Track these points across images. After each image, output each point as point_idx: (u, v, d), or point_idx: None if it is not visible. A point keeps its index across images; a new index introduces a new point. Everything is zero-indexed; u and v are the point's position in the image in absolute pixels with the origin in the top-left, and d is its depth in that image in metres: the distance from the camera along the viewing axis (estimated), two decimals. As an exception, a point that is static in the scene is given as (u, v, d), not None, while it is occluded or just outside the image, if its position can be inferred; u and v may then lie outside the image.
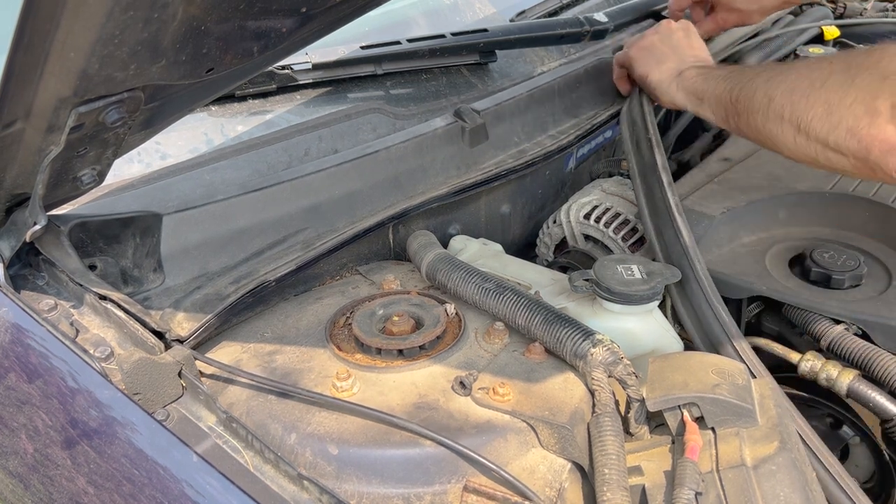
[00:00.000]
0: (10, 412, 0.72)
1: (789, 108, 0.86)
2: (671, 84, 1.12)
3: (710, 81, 1.04)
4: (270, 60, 0.91)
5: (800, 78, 0.86)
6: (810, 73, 0.85)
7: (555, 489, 0.67)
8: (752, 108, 0.93)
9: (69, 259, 0.77)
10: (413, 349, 0.77)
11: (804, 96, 0.84)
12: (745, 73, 1.00)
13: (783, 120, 0.87)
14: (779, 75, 0.91)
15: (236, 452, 0.66)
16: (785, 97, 0.87)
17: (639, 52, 1.21)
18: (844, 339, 0.88)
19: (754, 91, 0.93)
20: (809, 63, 0.89)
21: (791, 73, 0.89)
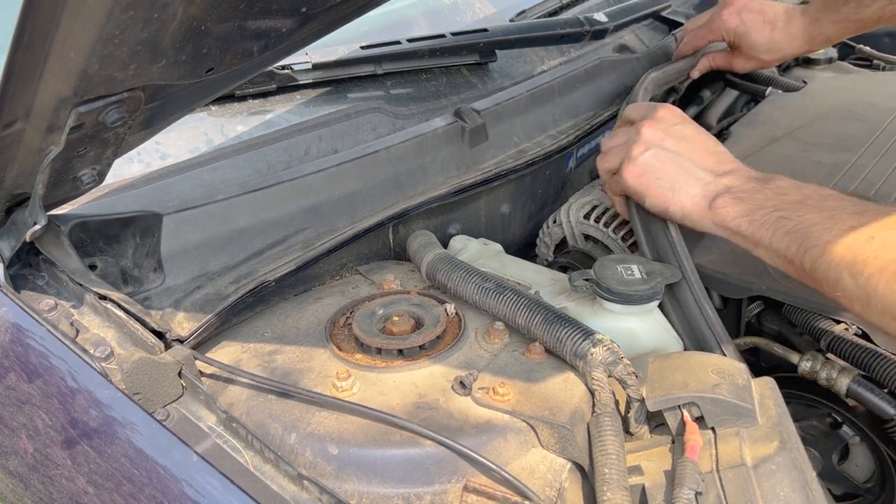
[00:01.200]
0: (10, 412, 0.72)
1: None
2: (704, 219, 0.87)
3: (759, 228, 0.81)
4: (270, 60, 0.91)
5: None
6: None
7: (555, 489, 0.67)
8: (840, 291, 0.73)
9: (69, 259, 0.77)
10: (413, 349, 0.77)
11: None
12: (804, 227, 0.76)
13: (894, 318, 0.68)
14: (863, 263, 0.70)
15: (236, 452, 0.66)
16: (891, 297, 0.68)
17: (639, 181, 0.92)
18: (844, 340, 0.88)
19: (837, 276, 0.72)
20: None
21: (884, 262, 0.68)
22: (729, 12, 1.31)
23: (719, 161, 0.90)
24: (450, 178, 1.10)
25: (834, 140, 1.23)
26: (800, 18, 1.25)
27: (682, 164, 0.90)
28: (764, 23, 1.28)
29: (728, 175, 0.87)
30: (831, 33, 1.24)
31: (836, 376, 0.86)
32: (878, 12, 1.17)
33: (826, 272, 0.74)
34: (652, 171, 0.91)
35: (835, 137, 1.24)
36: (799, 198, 0.80)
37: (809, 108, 1.35)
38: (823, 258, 0.74)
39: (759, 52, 1.30)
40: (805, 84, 1.47)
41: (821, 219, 0.76)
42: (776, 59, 1.32)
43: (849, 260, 0.71)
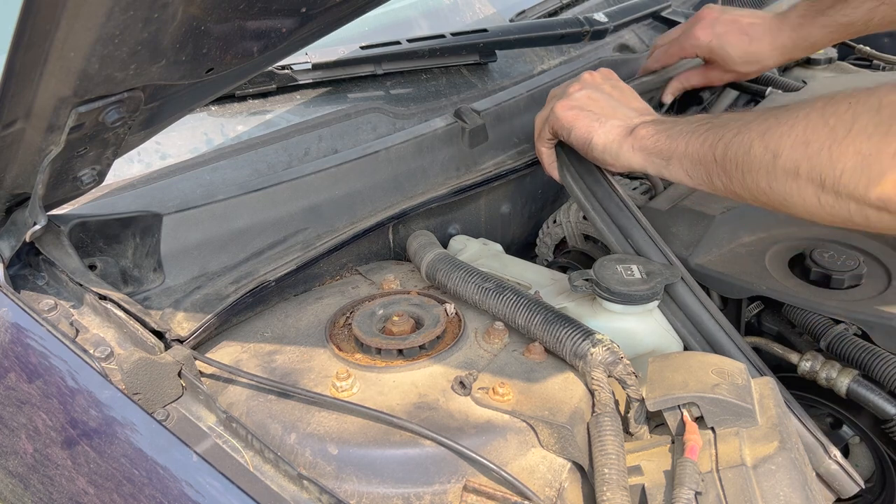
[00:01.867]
0: (10, 412, 0.72)
1: (806, 163, 0.71)
2: (622, 145, 0.91)
3: (676, 138, 0.86)
4: (270, 60, 0.91)
5: (810, 127, 0.71)
6: (823, 119, 0.71)
7: (554, 489, 0.67)
8: (749, 167, 0.77)
9: (69, 259, 0.77)
10: (413, 349, 0.77)
11: (824, 148, 0.70)
12: (726, 125, 0.82)
13: (798, 177, 0.72)
14: (778, 125, 0.75)
15: (236, 452, 0.66)
16: (797, 151, 0.72)
17: (568, 113, 0.96)
18: (844, 339, 0.88)
19: (749, 146, 0.77)
20: (814, 106, 0.73)
21: (794, 120, 0.73)
22: (701, 27, 1.23)
23: (646, 108, 1.00)
24: (449, 178, 1.10)
25: (834, 140, 1.23)
26: (780, 27, 1.18)
27: (612, 102, 0.97)
28: (740, 34, 1.21)
29: (650, 116, 0.96)
30: (817, 39, 1.17)
31: (835, 376, 0.86)
32: (868, 14, 1.10)
33: (737, 150, 0.78)
34: (583, 104, 0.97)
35: (835, 137, 1.24)
36: (713, 120, 0.85)
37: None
38: (737, 137, 0.79)
39: (736, 64, 1.23)
40: (805, 84, 1.47)
41: (739, 115, 0.82)
42: (755, 70, 1.24)
43: (762, 129, 0.76)
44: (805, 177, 0.72)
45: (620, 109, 0.96)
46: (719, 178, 0.82)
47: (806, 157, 0.71)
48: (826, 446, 0.81)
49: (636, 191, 1.18)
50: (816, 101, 0.73)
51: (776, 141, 0.74)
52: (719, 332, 0.87)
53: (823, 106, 0.72)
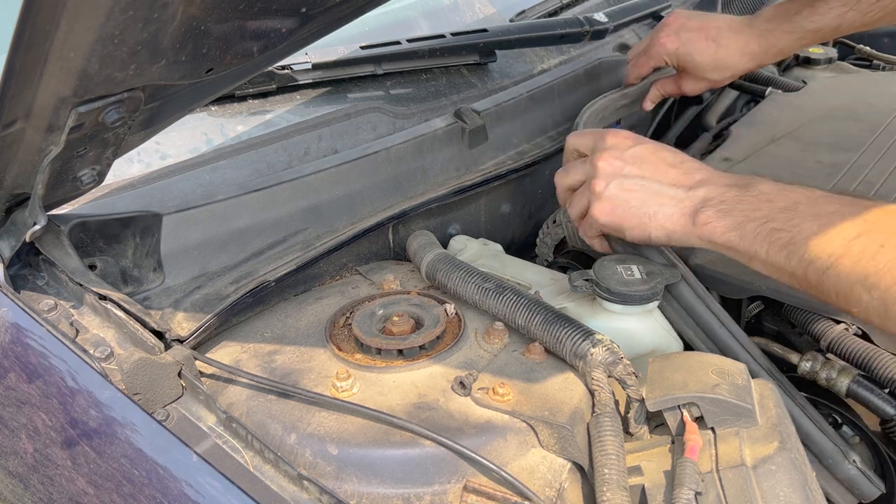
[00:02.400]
0: (9, 412, 0.72)
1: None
2: (689, 236, 0.82)
3: (751, 241, 0.76)
4: (270, 60, 0.91)
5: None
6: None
7: (554, 489, 0.67)
8: (854, 302, 0.68)
9: (69, 259, 0.77)
10: (413, 349, 0.77)
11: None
12: (802, 238, 0.71)
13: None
14: (877, 275, 0.65)
15: (236, 452, 0.66)
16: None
17: (612, 217, 0.86)
18: (844, 339, 0.88)
19: (850, 288, 0.67)
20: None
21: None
22: (666, 34, 1.19)
23: (686, 172, 0.85)
24: (449, 178, 1.11)
25: (834, 140, 1.23)
26: (748, 32, 1.15)
27: (650, 186, 0.85)
28: (706, 40, 1.16)
29: (701, 186, 0.82)
30: (784, 45, 1.13)
31: (835, 376, 0.86)
32: (837, 20, 1.07)
33: (836, 285, 0.69)
34: (622, 202, 0.86)
35: (834, 137, 1.24)
36: (787, 204, 0.75)
37: (809, 108, 1.35)
38: (831, 271, 0.68)
39: (706, 71, 1.18)
40: (805, 84, 1.47)
41: (818, 227, 0.70)
42: (727, 77, 1.20)
43: (860, 273, 0.66)
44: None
45: (664, 192, 0.84)
46: (818, 296, 0.72)
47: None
48: (845, 452, 0.81)
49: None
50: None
51: (884, 292, 0.65)
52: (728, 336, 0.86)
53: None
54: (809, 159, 1.17)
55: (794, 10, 1.10)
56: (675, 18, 1.20)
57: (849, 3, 1.05)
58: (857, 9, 1.05)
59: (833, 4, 1.06)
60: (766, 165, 1.17)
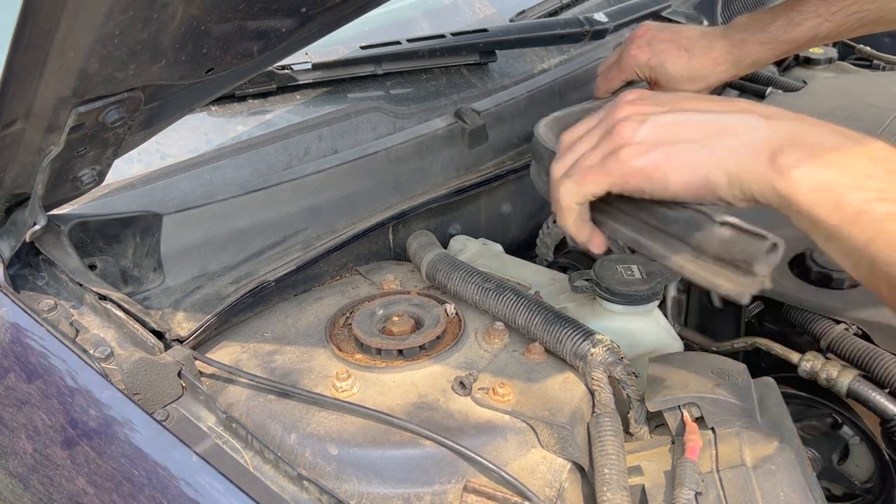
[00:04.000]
0: (9, 412, 0.71)
1: None
2: (763, 184, 0.59)
3: (851, 218, 0.54)
4: (270, 60, 0.91)
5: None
6: None
7: (555, 489, 0.67)
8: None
9: (69, 259, 0.77)
10: (413, 349, 0.77)
11: None
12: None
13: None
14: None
15: (236, 452, 0.66)
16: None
17: (650, 161, 0.62)
18: (844, 339, 0.88)
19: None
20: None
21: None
22: (638, 46, 1.14)
23: (748, 103, 0.65)
24: (449, 178, 1.10)
25: (834, 140, 1.22)
26: (721, 42, 1.10)
27: (704, 116, 0.62)
28: (679, 51, 1.11)
29: (786, 119, 0.60)
30: (759, 56, 1.09)
31: (836, 376, 0.86)
32: (811, 31, 1.04)
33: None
34: (662, 140, 0.62)
35: (835, 137, 1.23)
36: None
37: (809, 108, 1.35)
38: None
39: (679, 83, 1.13)
40: (805, 84, 1.47)
41: None
42: (702, 88, 1.14)
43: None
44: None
45: (728, 121, 0.61)
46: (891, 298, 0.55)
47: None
48: (711, 214, 0.62)
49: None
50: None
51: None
52: None
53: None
54: (810, 159, 1.17)
55: (769, 21, 1.07)
56: (645, 30, 1.16)
57: (823, 14, 1.03)
58: (831, 20, 1.02)
59: (807, 16, 1.04)
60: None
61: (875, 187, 0.54)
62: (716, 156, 0.60)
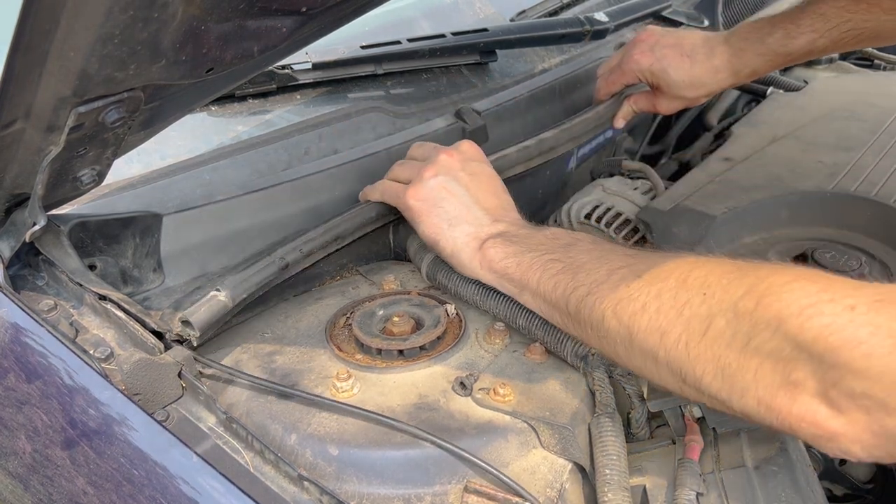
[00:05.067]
0: (9, 412, 0.71)
1: (663, 353, 0.61)
2: (472, 259, 0.81)
3: (527, 270, 0.75)
4: (270, 60, 0.91)
5: (663, 312, 0.61)
6: (677, 308, 0.60)
7: (556, 490, 0.67)
8: (604, 334, 0.67)
9: (69, 259, 0.77)
10: (413, 350, 0.77)
11: (681, 342, 0.60)
12: (577, 272, 0.71)
13: (658, 362, 0.62)
14: (630, 300, 0.64)
15: (236, 453, 0.66)
16: (652, 337, 0.62)
17: (419, 204, 0.86)
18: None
19: (602, 316, 0.66)
20: (667, 285, 0.62)
21: (646, 298, 0.63)
22: (640, 51, 1.16)
23: (501, 206, 0.87)
24: (450, 178, 1.10)
25: (835, 140, 1.23)
26: (722, 49, 1.11)
27: (466, 199, 0.85)
28: (682, 56, 1.13)
29: (504, 222, 0.84)
30: (757, 66, 1.11)
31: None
32: (808, 45, 1.05)
33: (591, 313, 0.67)
34: (434, 198, 0.85)
35: (836, 137, 1.24)
36: (570, 241, 0.76)
37: (811, 108, 1.35)
38: (589, 297, 0.68)
39: (681, 89, 1.15)
40: (806, 84, 1.47)
41: (590, 259, 0.71)
42: (702, 95, 1.17)
43: (614, 298, 0.65)
44: (664, 365, 0.62)
45: (473, 211, 0.85)
46: (575, 330, 0.72)
47: (662, 346, 0.61)
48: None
49: (637, 191, 1.18)
50: (670, 277, 0.62)
51: (629, 318, 0.64)
52: None
53: (677, 289, 0.61)
54: (811, 159, 1.17)
55: (767, 32, 1.08)
56: (648, 35, 1.17)
57: (820, 29, 1.03)
58: (827, 36, 1.03)
59: (805, 30, 1.04)
60: (768, 165, 1.17)
61: (542, 249, 0.76)
62: (451, 232, 0.84)
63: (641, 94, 1.23)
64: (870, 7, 0.99)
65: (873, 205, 1.04)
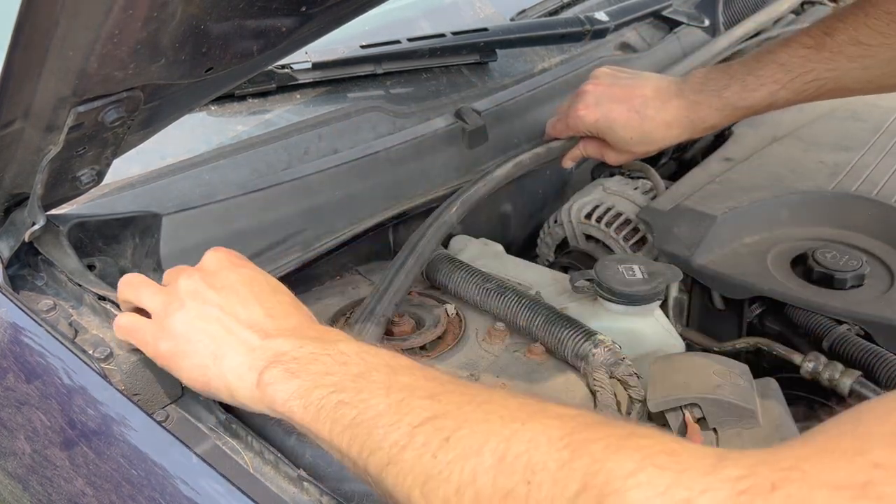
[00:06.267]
0: (8, 413, 0.71)
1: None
2: (256, 402, 0.63)
3: (316, 416, 0.57)
4: (270, 60, 0.90)
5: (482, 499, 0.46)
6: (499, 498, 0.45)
7: (556, 490, 0.67)
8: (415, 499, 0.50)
9: (68, 259, 0.77)
10: (413, 350, 0.77)
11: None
12: (368, 419, 0.55)
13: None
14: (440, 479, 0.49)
15: (236, 453, 0.66)
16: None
17: (168, 355, 0.67)
18: (847, 340, 0.88)
19: (408, 494, 0.51)
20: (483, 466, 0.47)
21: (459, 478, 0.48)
22: (585, 105, 1.08)
23: (271, 313, 0.66)
24: (449, 179, 1.10)
25: (836, 139, 1.23)
26: (675, 102, 1.04)
27: (224, 322, 0.65)
28: (629, 112, 1.05)
29: (281, 336, 0.63)
30: (715, 121, 1.04)
31: (838, 377, 0.86)
32: (768, 98, 0.99)
33: (395, 486, 0.52)
34: (183, 336, 0.65)
35: (837, 137, 1.23)
36: (362, 369, 0.58)
37: (811, 108, 1.35)
38: (391, 467, 0.52)
39: (629, 145, 1.08)
40: (806, 84, 1.46)
41: (387, 407, 0.54)
42: (652, 150, 1.10)
43: (420, 474, 0.50)
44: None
45: (236, 333, 0.64)
46: (383, 495, 0.55)
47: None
48: None
49: (637, 191, 1.18)
50: (484, 449, 0.47)
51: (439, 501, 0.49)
52: None
53: (495, 472, 0.46)
54: (811, 159, 1.17)
55: (724, 85, 1.01)
56: (594, 86, 1.09)
57: (781, 80, 0.97)
58: (789, 88, 0.97)
59: (765, 81, 0.98)
60: (768, 165, 1.17)
61: (330, 382, 0.58)
62: (217, 370, 0.64)
63: (592, 141, 1.14)
64: (833, 56, 0.93)
65: (874, 204, 1.04)
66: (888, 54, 0.90)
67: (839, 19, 0.93)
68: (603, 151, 1.14)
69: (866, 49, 0.91)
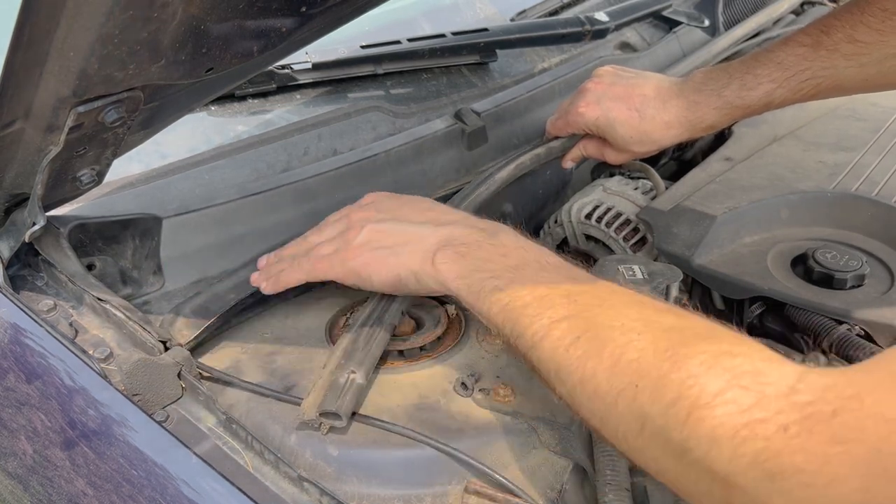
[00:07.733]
0: (8, 413, 0.71)
1: (605, 436, 0.58)
2: (431, 280, 0.74)
3: (475, 294, 0.69)
4: (270, 60, 0.91)
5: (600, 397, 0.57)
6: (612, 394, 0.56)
7: (556, 490, 0.67)
8: (551, 387, 0.63)
9: (68, 262, 0.77)
10: (414, 350, 0.77)
11: (620, 434, 0.56)
12: (517, 306, 0.65)
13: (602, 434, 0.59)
14: (567, 370, 0.59)
15: (236, 454, 0.66)
16: (593, 420, 0.59)
17: (360, 262, 0.78)
18: (847, 340, 0.88)
19: (548, 372, 0.62)
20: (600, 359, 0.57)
21: (584, 374, 0.58)
22: (586, 103, 1.09)
23: (442, 213, 0.80)
24: (449, 181, 1.10)
25: (836, 139, 1.23)
26: (675, 102, 1.05)
27: (400, 226, 0.78)
28: (629, 111, 1.06)
29: (450, 225, 0.75)
30: (714, 121, 1.04)
31: (838, 377, 0.86)
32: (766, 97, 0.99)
33: (538, 367, 0.63)
34: (370, 244, 0.77)
35: (837, 137, 1.23)
36: (517, 262, 0.69)
37: (811, 108, 1.35)
38: (534, 352, 0.63)
39: (629, 144, 1.08)
40: (806, 84, 1.46)
41: (532, 299, 0.64)
42: (652, 149, 1.10)
43: (555, 363, 0.61)
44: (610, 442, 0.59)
45: (413, 231, 0.77)
46: (533, 372, 0.66)
47: (604, 431, 0.58)
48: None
49: (637, 191, 1.18)
50: (603, 353, 0.57)
51: (570, 390, 0.60)
52: None
53: (610, 373, 0.57)
54: (811, 159, 1.17)
55: (723, 84, 1.02)
56: (596, 83, 1.10)
57: (778, 79, 0.98)
58: (786, 86, 0.98)
59: (762, 80, 0.99)
60: (768, 164, 1.17)
61: (490, 269, 0.69)
62: (401, 259, 0.75)
63: (592, 140, 1.15)
64: (829, 54, 0.93)
65: (874, 205, 1.04)
66: (883, 52, 0.91)
67: (836, 17, 0.94)
68: (603, 150, 1.14)
69: (862, 47, 0.91)
